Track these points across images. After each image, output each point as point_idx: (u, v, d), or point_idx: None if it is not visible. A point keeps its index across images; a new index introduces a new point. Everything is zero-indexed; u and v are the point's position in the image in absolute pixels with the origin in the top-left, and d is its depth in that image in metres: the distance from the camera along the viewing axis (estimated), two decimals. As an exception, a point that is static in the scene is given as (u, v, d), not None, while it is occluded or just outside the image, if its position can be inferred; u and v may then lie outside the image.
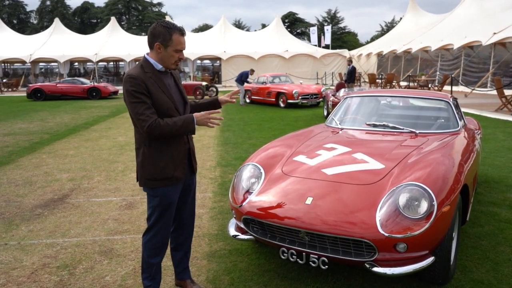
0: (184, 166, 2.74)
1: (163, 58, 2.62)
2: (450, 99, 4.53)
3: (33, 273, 3.35)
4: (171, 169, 2.66)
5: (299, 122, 11.80)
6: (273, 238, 2.99)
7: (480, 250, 3.57)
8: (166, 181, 2.66)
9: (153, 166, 2.64)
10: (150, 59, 2.65)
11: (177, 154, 2.69)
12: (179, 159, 2.70)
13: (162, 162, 2.64)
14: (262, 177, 3.32)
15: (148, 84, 2.56)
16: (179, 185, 2.75)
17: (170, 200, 2.70)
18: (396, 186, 2.81)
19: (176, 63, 2.67)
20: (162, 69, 2.67)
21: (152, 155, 2.64)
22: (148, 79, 2.58)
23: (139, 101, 2.53)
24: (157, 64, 2.65)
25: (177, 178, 2.70)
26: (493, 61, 20.43)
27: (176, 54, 2.62)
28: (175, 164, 2.68)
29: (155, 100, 2.58)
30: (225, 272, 3.30)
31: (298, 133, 4.41)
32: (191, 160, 2.82)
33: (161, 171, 2.64)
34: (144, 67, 2.63)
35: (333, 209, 2.81)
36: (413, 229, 2.58)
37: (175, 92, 2.73)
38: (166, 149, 2.65)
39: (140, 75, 2.57)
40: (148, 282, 2.80)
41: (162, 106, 2.60)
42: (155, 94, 2.58)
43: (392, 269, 2.61)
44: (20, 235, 4.11)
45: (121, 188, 5.66)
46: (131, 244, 3.86)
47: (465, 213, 3.45)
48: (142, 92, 2.53)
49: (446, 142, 3.65)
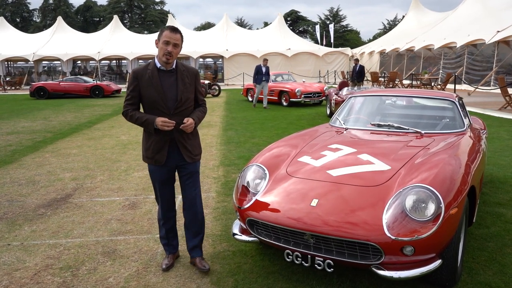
0: (164, 152, 3.17)
1: (158, 53, 3.06)
2: (456, 99, 4.49)
3: (36, 274, 3.33)
4: (153, 152, 3.18)
5: (302, 121, 11.76)
6: (277, 240, 2.96)
7: (487, 252, 3.53)
8: (149, 160, 3.23)
9: (144, 146, 3.27)
10: (155, 59, 3.13)
11: (159, 141, 3.15)
12: (160, 146, 3.16)
13: (147, 145, 3.21)
14: (267, 178, 3.29)
15: (142, 79, 3.08)
16: (163, 167, 3.23)
17: (155, 176, 3.28)
18: (403, 188, 2.78)
19: (166, 56, 3.01)
20: (163, 68, 3.09)
21: (144, 138, 3.26)
22: (145, 75, 3.08)
23: (127, 91, 3.17)
24: (158, 63, 3.10)
25: (158, 161, 3.19)
26: (497, 60, 20.32)
27: (165, 46, 3.01)
28: (156, 148, 3.17)
29: (143, 93, 3.11)
30: (229, 274, 3.27)
31: (303, 133, 4.37)
32: (177, 150, 3.19)
33: (146, 151, 3.24)
34: (149, 64, 3.14)
35: (338, 211, 2.78)
36: (420, 231, 2.55)
37: (169, 90, 3.10)
38: (151, 136, 3.17)
39: (139, 71, 3.12)
40: (163, 241, 3.46)
41: (148, 99, 3.10)
42: (144, 88, 3.09)
43: (399, 272, 2.57)
44: (23, 236, 4.10)
45: (124, 187, 5.64)
46: (134, 244, 3.84)
47: (471, 214, 3.42)
48: (131, 85, 3.12)
49: (452, 143, 3.61)
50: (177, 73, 3.12)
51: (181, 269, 3.37)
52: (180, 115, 3.11)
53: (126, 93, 3.17)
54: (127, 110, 3.14)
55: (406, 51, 27.89)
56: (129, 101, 3.14)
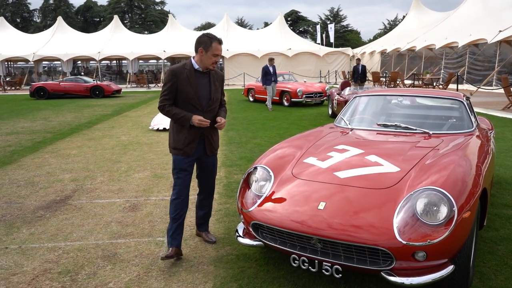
0: (193, 145, 3.48)
1: (203, 60, 3.40)
2: (464, 98, 4.39)
3: (34, 279, 3.23)
4: (183, 144, 3.46)
5: (303, 121, 11.67)
6: (283, 244, 2.86)
7: (498, 255, 3.43)
8: (178, 151, 3.49)
9: (173, 138, 3.53)
10: (192, 60, 3.47)
11: (190, 135, 3.45)
12: (190, 139, 3.46)
13: (178, 137, 3.48)
14: (272, 180, 3.19)
15: (180, 77, 3.38)
16: (190, 158, 3.51)
17: (180, 166, 3.50)
18: (414, 191, 2.68)
19: (213, 64, 3.43)
20: (199, 69, 3.44)
21: (175, 131, 3.52)
22: (182, 74, 3.39)
23: (165, 87, 3.42)
24: (195, 64, 3.44)
25: (186, 152, 3.48)
26: (499, 59, 20.22)
27: (214, 58, 3.40)
28: (187, 141, 3.46)
29: (180, 90, 3.40)
30: (232, 278, 3.17)
31: (307, 133, 4.28)
32: (204, 143, 3.53)
33: (175, 143, 3.50)
34: (186, 64, 3.46)
35: (347, 215, 2.68)
36: (432, 236, 2.45)
37: (203, 89, 3.47)
38: (183, 130, 3.45)
39: (177, 69, 3.42)
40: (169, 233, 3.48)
41: (184, 96, 3.40)
42: (181, 85, 3.39)
43: (410, 278, 2.47)
44: (21, 239, 4.00)
45: (125, 189, 5.54)
46: (135, 248, 3.74)
47: (482, 217, 3.32)
48: (169, 81, 3.39)
49: (461, 143, 3.51)
50: (210, 76, 3.51)
51: (183, 274, 3.27)
52: (211, 112, 3.51)
53: (162, 89, 3.44)
54: (164, 105, 3.43)
55: (407, 51, 27.79)
56: (166, 96, 3.41)
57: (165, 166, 6.76)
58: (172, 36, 35.00)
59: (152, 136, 9.70)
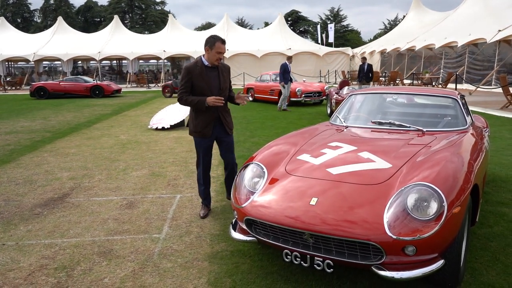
0: (210, 127, 4.23)
1: (210, 57, 4.13)
2: (458, 96, 4.42)
3: (30, 274, 3.27)
4: (201, 127, 4.22)
5: (302, 121, 11.69)
6: (276, 240, 2.89)
7: (490, 251, 3.46)
8: (198, 133, 4.26)
9: (192, 123, 4.28)
10: (202, 58, 4.19)
11: (206, 118, 4.20)
12: (207, 122, 4.21)
13: (196, 121, 4.24)
14: (265, 177, 3.22)
15: (194, 73, 4.12)
16: (207, 139, 4.28)
17: (201, 146, 4.31)
18: (404, 186, 2.70)
19: (218, 60, 4.13)
20: (209, 65, 4.15)
21: (193, 117, 4.28)
22: (195, 70, 4.13)
23: (182, 82, 4.17)
24: (205, 61, 4.17)
25: (205, 134, 4.24)
26: (498, 59, 20.24)
27: (218, 55, 4.10)
28: (204, 124, 4.21)
29: (194, 83, 4.14)
30: (226, 274, 3.20)
31: (302, 131, 4.31)
32: (222, 124, 4.29)
33: (195, 127, 4.26)
34: (197, 62, 4.19)
35: (338, 210, 2.71)
36: (422, 231, 2.47)
37: (213, 81, 4.18)
38: (200, 114, 4.20)
39: (190, 67, 4.17)
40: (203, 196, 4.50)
41: (198, 88, 4.15)
42: (195, 80, 4.13)
43: (400, 273, 2.50)
44: (19, 235, 4.04)
45: (122, 187, 5.58)
46: (131, 244, 3.77)
47: (474, 213, 3.34)
48: (185, 77, 4.16)
49: (454, 141, 3.54)
50: (218, 69, 4.22)
51: (178, 269, 3.30)
52: None
53: (180, 84, 4.19)
54: (182, 96, 4.17)
55: (407, 50, 27.82)
56: (183, 90, 4.16)
57: (163, 164, 6.79)
58: (172, 36, 35.04)
59: (150, 135, 9.74)
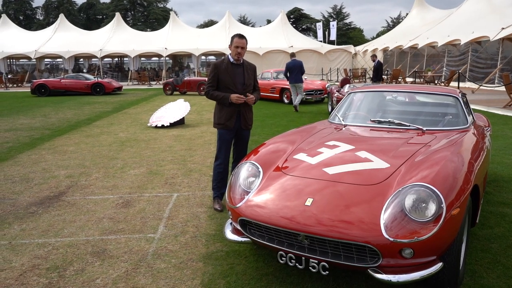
0: (233, 120, 4.48)
1: (231, 53, 4.45)
2: (459, 95, 4.33)
3: (22, 275, 3.21)
4: (225, 119, 4.48)
5: (303, 118, 11.62)
6: (270, 241, 2.82)
7: (490, 253, 3.39)
8: (222, 125, 4.52)
9: (217, 115, 4.58)
10: (229, 56, 4.50)
11: (230, 112, 4.46)
12: (229, 115, 4.47)
13: (220, 114, 4.52)
14: (260, 176, 3.15)
15: (220, 69, 4.44)
16: (231, 131, 4.54)
17: (223, 138, 4.56)
18: (402, 187, 2.63)
19: (237, 55, 4.39)
20: (234, 62, 4.45)
21: (217, 110, 4.57)
22: (221, 66, 4.45)
23: (209, 77, 4.50)
24: (230, 58, 4.47)
25: (228, 126, 4.49)
26: (501, 57, 20.07)
27: (236, 49, 4.38)
28: (228, 117, 4.47)
29: (220, 78, 4.43)
30: (221, 275, 3.14)
31: (301, 129, 4.23)
32: (240, 118, 4.51)
33: (219, 119, 4.54)
34: (224, 59, 4.52)
35: (334, 211, 2.64)
36: (420, 233, 2.40)
37: (238, 77, 4.45)
38: (223, 109, 4.48)
39: (217, 63, 4.51)
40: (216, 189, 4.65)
41: (224, 83, 4.43)
42: (221, 75, 4.43)
43: (397, 276, 2.43)
44: (12, 234, 3.98)
45: (119, 185, 5.52)
46: (125, 244, 3.71)
47: (474, 214, 3.27)
48: (212, 73, 4.48)
49: (455, 140, 3.46)
50: (243, 67, 4.50)
51: (172, 270, 3.24)
52: (245, 95, 4.42)
53: (207, 79, 4.50)
54: (209, 91, 4.48)
55: (409, 48, 27.67)
56: (210, 84, 4.48)
57: (161, 162, 6.73)
58: (174, 34, 34.97)
59: (150, 133, 9.68)
